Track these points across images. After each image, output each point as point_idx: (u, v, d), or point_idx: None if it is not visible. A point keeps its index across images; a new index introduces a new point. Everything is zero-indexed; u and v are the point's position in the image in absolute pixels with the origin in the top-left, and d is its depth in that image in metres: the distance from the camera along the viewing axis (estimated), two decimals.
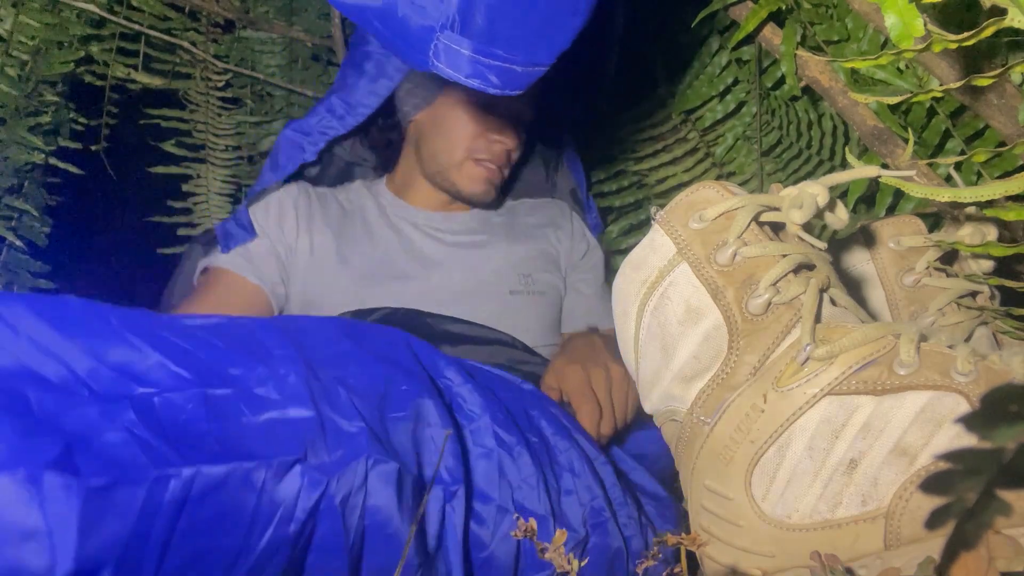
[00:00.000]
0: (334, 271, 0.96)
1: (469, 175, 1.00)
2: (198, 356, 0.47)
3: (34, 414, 0.40)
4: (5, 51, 1.05)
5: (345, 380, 0.52)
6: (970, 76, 0.44)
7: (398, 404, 0.54)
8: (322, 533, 0.45)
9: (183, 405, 0.44)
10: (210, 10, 1.23)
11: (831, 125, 0.86)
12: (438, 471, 0.53)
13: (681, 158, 1.04)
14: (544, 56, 0.57)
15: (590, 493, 0.62)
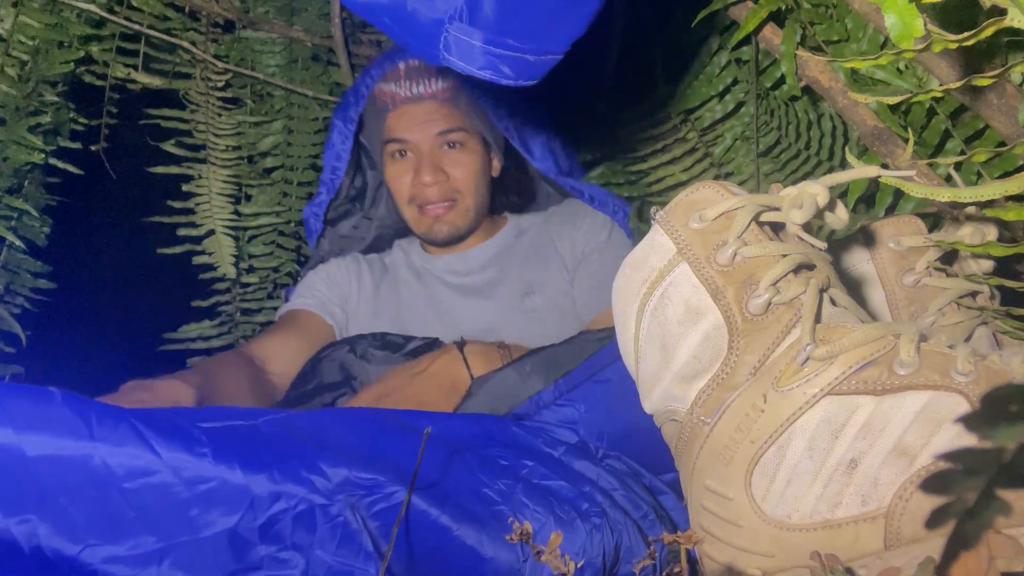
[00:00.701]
0: (368, 325, 1.07)
1: (415, 220, 1.07)
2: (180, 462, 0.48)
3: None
4: (5, 51, 1.05)
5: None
6: (970, 76, 0.44)
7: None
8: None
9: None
10: (210, 10, 1.23)
11: (830, 125, 0.86)
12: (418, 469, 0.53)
13: (680, 158, 1.04)
14: (557, 44, 0.56)
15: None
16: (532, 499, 0.59)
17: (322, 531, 0.48)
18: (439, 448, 0.59)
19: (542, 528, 0.57)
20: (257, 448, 0.49)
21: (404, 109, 1.04)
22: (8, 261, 1.14)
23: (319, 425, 0.56)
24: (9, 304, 1.14)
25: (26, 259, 1.15)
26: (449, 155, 1.05)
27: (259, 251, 1.32)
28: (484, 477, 0.59)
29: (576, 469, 0.65)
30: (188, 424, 0.47)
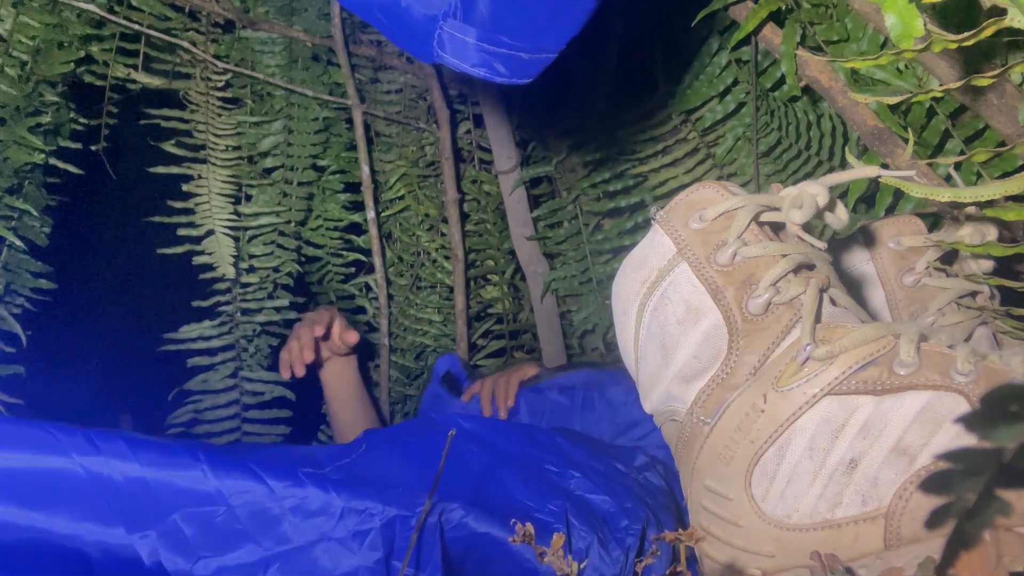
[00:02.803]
0: None
1: None
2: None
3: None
4: (5, 51, 1.05)
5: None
6: (970, 76, 0.44)
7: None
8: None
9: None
10: (210, 10, 1.23)
11: (830, 126, 0.85)
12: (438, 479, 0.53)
13: (681, 159, 1.04)
14: (552, 43, 0.56)
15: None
16: (579, 518, 0.59)
17: (400, 542, 0.51)
18: (483, 452, 0.61)
19: (588, 547, 0.58)
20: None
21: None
22: (8, 261, 1.14)
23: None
24: (9, 304, 1.14)
25: (26, 259, 1.15)
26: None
27: (259, 251, 1.32)
28: (533, 492, 0.60)
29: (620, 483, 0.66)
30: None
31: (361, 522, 0.50)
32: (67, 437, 0.47)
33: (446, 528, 0.53)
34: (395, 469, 0.55)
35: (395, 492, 0.52)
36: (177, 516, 0.47)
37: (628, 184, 1.11)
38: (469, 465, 0.60)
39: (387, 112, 1.35)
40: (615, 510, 0.62)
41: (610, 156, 1.11)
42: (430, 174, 1.40)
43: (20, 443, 0.46)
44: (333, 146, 1.33)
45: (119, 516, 0.46)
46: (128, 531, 0.46)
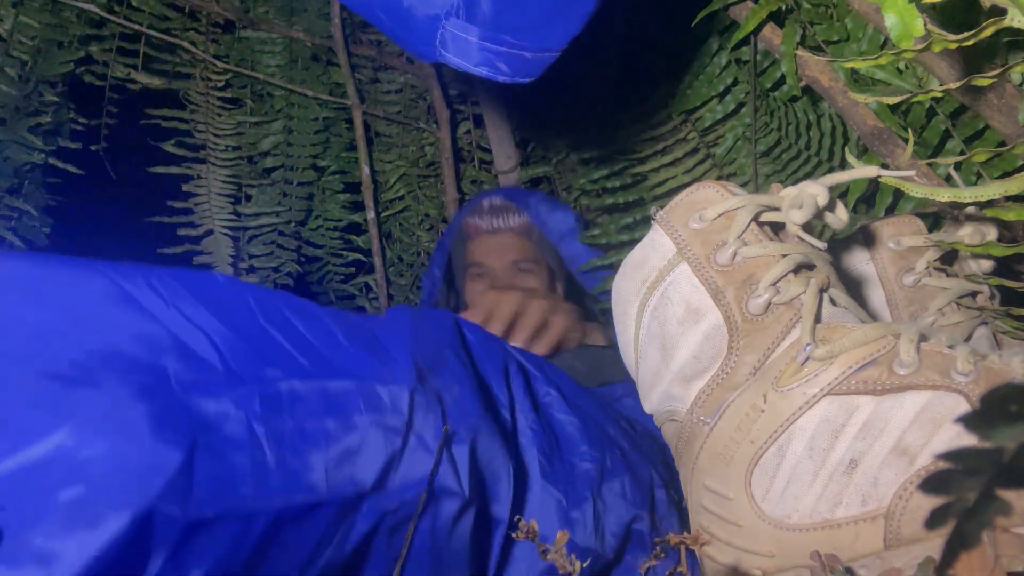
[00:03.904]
0: None
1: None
2: (320, 349, 0.46)
3: (172, 389, 0.38)
4: (5, 51, 1.05)
5: (443, 394, 0.50)
6: (970, 76, 0.44)
7: (489, 429, 0.52)
8: (369, 556, 0.45)
9: (304, 395, 0.42)
10: (210, 10, 1.23)
11: (830, 126, 0.86)
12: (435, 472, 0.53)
13: (681, 158, 1.04)
14: (555, 41, 0.56)
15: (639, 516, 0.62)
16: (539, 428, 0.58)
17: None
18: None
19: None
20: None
21: (483, 239, 1.18)
22: None
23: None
24: None
25: None
26: (521, 276, 1.15)
27: (259, 251, 1.32)
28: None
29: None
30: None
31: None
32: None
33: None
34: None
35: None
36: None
37: (627, 183, 1.11)
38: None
39: (387, 112, 1.35)
40: (578, 435, 0.61)
41: (609, 156, 1.11)
42: (430, 174, 1.40)
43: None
44: (333, 146, 1.33)
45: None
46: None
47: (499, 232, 1.19)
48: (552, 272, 1.19)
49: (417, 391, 0.47)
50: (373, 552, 0.45)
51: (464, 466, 0.48)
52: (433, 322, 0.56)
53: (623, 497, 0.61)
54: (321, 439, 0.42)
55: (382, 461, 0.43)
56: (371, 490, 0.43)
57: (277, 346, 0.44)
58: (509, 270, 1.15)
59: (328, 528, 0.42)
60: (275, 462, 0.39)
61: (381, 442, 0.44)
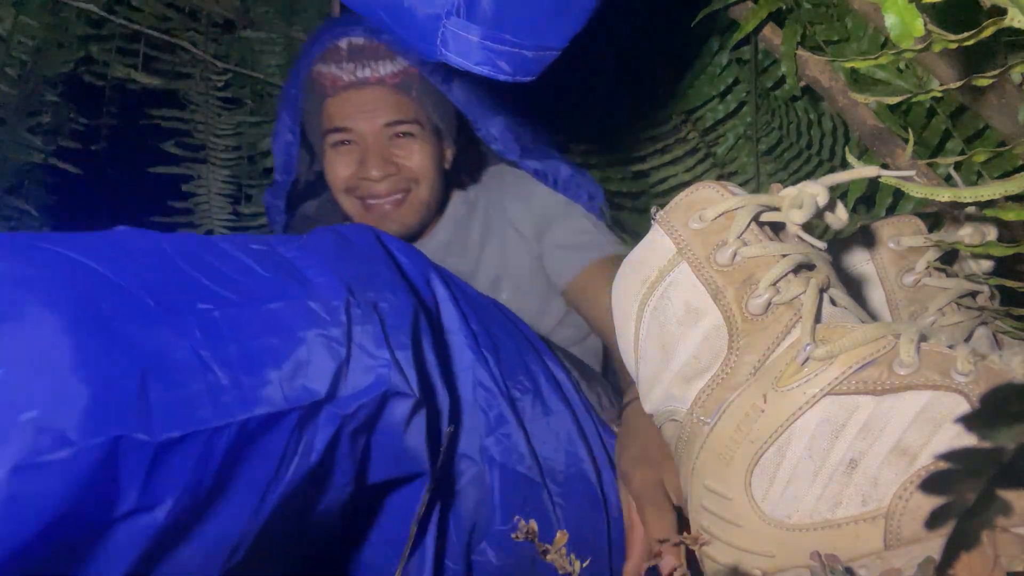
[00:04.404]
0: None
1: (358, 215, 0.95)
2: (241, 281, 0.47)
3: (112, 324, 0.39)
4: (5, 51, 1.05)
5: (378, 303, 0.51)
6: (970, 76, 0.44)
7: (426, 331, 0.55)
8: (335, 460, 0.47)
9: (240, 321, 0.44)
10: (210, 10, 1.23)
11: (831, 125, 0.86)
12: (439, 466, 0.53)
13: (682, 158, 1.04)
14: (555, 40, 0.56)
15: (570, 443, 0.64)
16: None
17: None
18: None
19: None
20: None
21: (346, 96, 0.90)
22: None
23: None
24: None
25: None
26: (400, 145, 0.92)
27: None
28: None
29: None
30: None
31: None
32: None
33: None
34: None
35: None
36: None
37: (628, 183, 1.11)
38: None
39: None
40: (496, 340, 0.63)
41: (610, 155, 1.11)
42: None
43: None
44: None
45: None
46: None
47: (365, 86, 0.90)
48: (440, 133, 0.96)
49: (351, 303, 0.48)
50: (339, 457, 0.47)
51: (411, 369, 0.50)
52: (354, 236, 0.57)
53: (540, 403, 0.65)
54: (269, 355, 0.43)
55: (332, 370, 0.45)
56: (326, 398, 0.44)
57: (200, 284, 0.45)
58: (382, 137, 0.91)
59: (291, 437, 0.43)
60: (229, 382, 0.41)
61: (326, 352, 0.45)
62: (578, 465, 0.64)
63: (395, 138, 0.92)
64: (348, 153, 0.92)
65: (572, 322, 1.02)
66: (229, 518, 0.41)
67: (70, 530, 0.35)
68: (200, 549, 0.41)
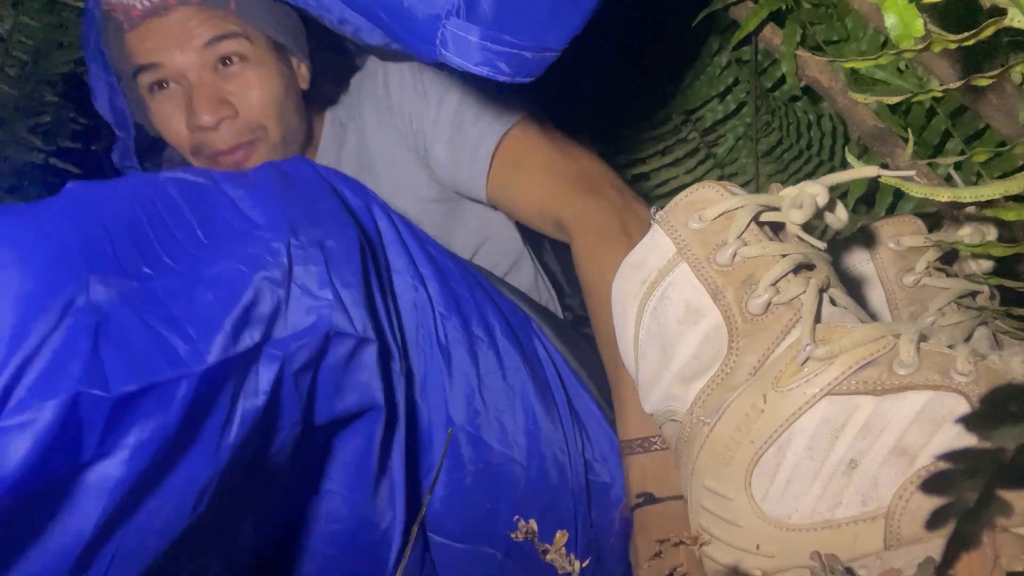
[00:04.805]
0: None
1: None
2: (185, 246, 0.47)
3: (62, 291, 0.40)
4: (5, 51, 1.05)
5: (323, 242, 0.51)
6: (970, 76, 0.44)
7: (372, 267, 0.55)
8: (282, 400, 0.48)
9: (179, 289, 0.44)
10: None
11: (831, 126, 0.86)
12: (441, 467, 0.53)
13: (682, 159, 1.04)
14: (555, 41, 0.56)
15: (524, 401, 0.64)
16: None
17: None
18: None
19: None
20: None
21: (147, 27, 0.72)
22: None
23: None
24: None
25: None
26: (230, 76, 0.74)
27: None
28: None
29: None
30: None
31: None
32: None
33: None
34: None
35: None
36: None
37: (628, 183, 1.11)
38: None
39: None
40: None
41: (610, 155, 1.11)
42: None
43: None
44: None
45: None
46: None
47: (167, 10, 0.72)
48: (282, 49, 0.77)
49: (293, 244, 0.49)
50: (284, 397, 0.48)
51: (356, 307, 0.50)
52: (296, 171, 0.57)
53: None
54: (213, 310, 0.44)
55: (271, 312, 0.46)
56: (266, 340, 0.45)
57: (149, 241, 0.46)
58: (204, 64, 0.73)
59: (238, 381, 0.44)
60: (177, 338, 0.42)
61: (268, 295, 0.46)
62: (535, 424, 0.64)
63: (223, 68, 0.74)
64: (171, 98, 0.75)
65: (500, 249, 0.87)
66: (190, 466, 0.43)
67: (37, 487, 0.37)
68: (167, 499, 0.42)
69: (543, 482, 0.64)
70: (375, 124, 0.82)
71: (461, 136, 0.76)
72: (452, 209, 0.83)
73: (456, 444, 0.60)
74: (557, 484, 0.64)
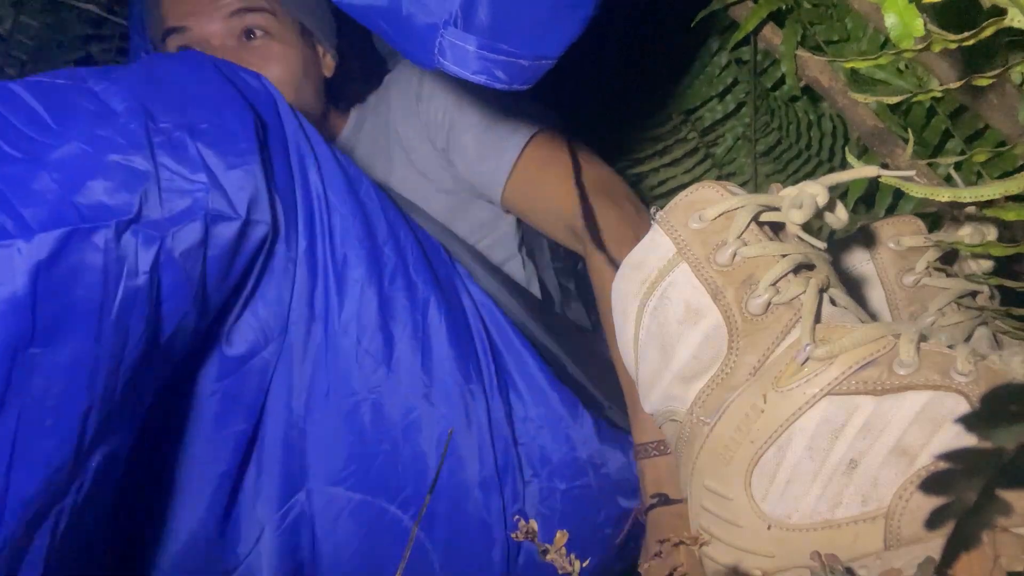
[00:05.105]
0: None
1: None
2: (30, 135, 0.47)
3: None
4: (5, 51, 1.05)
5: (195, 126, 0.51)
6: (970, 76, 0.44)
7: (249, 146, 0.53)
8: (169, 284, 0.48)
9: (22, 174, 0.44)
10: None
11: (830, 126, 0.86)
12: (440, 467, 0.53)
13: (681, 159, 1.04)
14: (551, 49, 0.57)
15: (463, 374, 0.62)
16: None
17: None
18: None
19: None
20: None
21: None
22: None
23: None
24: None
25: None
26: (252, 49, 0.77)
27: None
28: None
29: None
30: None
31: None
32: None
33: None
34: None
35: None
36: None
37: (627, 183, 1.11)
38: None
39: None
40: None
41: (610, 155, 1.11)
42: None
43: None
44: None
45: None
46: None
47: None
48: (308, 33, 0.80)
49: (152, 128, 0.49)
50: (172, 280, 0.48)
51: (236, 189, 0.50)
52: (182, 63, 0.57)
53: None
54: (52, 190, 0.44)
55: (134, 191, 0.46)
56: (134, 218, 0.45)
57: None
58: (230, 32, 0.76)
59: (107, 257, 0.44)
60: (4, 215, 0.42)
61: (125, 174, 0.46)
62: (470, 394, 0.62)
63: (247, 41, 0.76)
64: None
65: (491, 248, 0.87)
66: (73, 342, 0.43)
67: None
68: (54, 377, 0.42)
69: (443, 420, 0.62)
70: (400, 112, 0.83)
71: (491, 132, 0.78)
72: (458, 203, 0.84)
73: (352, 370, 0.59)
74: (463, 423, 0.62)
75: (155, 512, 0.57)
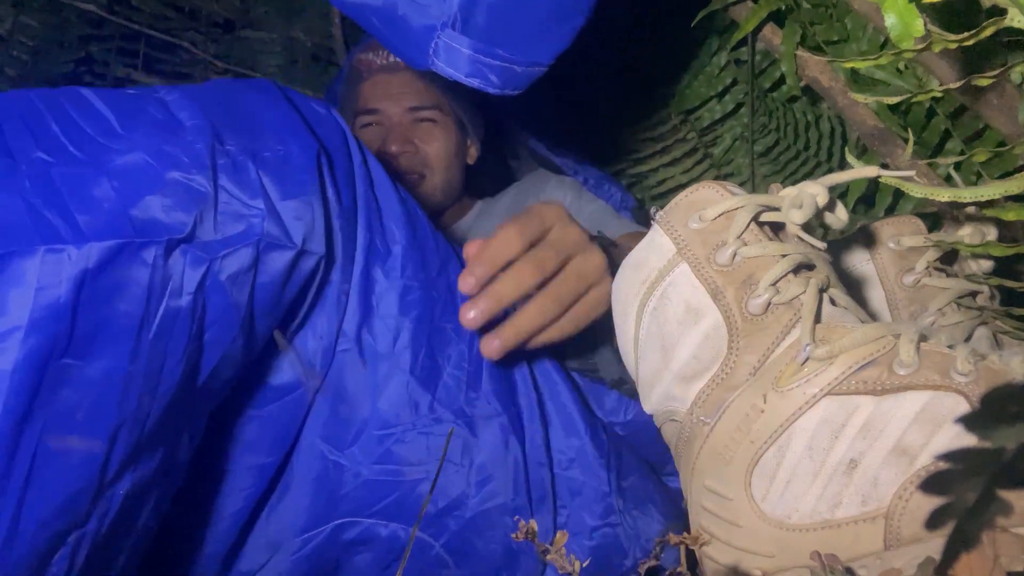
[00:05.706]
0: None
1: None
2: (95, 137, 0.46)
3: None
4: (5, 51, 1.05)
5: (259, 153, 0.50)
6: (970, 76, 0.44)
7: (341, 188, 0.54)
8: (215, 309, 0.47)
9: (81, 177, 0.43)
10: (210, 10, 1.23)
11: (829, 127, 0.86)
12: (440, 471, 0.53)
13: (680, 159, 1.04)
14: (544, 56, 0.57)
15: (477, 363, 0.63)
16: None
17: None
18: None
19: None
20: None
21: (377, 79, 1.01)
22: None
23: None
24: None
25: None
26: (421, 129, 1.00)
27: None
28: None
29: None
30: None
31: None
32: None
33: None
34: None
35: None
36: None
37: (626, 184, 1.11)
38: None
39: None
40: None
41: (609, 155, 1.11)
42: None
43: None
44: None
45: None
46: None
47: (395, 71, 1.00)
48: (461, 122, 1.04)
49: (217, 149, 0.48)
50: (219, 305, 0.47)
51: (292, 219, 0.50)
52: (253, 89, 0.56)
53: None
54: (109, 199, 0.43)
55: (191, 211, 0.45)
56: (186, 238, 0.45)
57: (50, 133, 0.45)
58: (405, 119, 1.00)
59: (154, 275, 0.43)
60: (59, 217, 0.41)
61: (185, 193, 0.45)
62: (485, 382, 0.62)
63: (418, 123, 1.00)
64: (373, 133, 1.00)
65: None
66: (108, 357, 0.41)
67: None
68: (84, 392, 0.41)
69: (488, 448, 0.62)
70: (511, 200, 1.05)
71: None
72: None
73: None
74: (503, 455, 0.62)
75: (175, 529, 0.56)
